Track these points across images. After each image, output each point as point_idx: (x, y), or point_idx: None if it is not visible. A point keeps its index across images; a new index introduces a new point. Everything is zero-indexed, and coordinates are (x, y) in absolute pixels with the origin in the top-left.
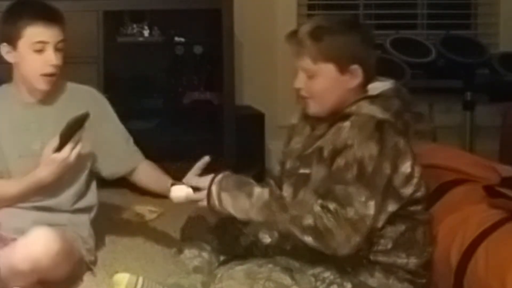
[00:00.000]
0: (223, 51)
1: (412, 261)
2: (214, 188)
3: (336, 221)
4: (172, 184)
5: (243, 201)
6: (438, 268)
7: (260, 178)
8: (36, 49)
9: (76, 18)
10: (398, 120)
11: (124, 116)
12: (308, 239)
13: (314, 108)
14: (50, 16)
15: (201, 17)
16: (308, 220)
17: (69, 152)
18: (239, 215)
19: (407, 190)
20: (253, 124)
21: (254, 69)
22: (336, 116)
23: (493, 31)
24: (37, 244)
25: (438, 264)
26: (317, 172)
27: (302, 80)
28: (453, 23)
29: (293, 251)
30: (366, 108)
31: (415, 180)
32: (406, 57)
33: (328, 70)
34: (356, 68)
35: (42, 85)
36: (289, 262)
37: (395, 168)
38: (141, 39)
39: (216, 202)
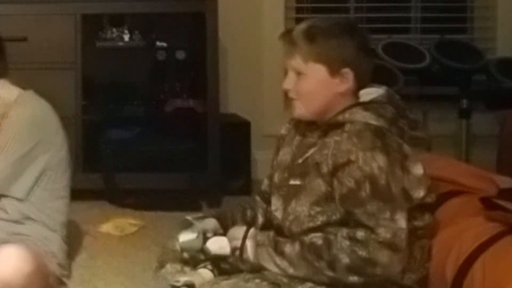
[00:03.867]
0: (207, 56)
1: (409, 276)
2: (249, 243)
3: (370, 249)
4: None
5: (280, 261)
6: (433, 283)
7: (246, 189)
8: None
9: (53, 21)
10: (393, 127)
11: (103, 125)
12: (354, 279)
13: (300, 110)
14: None
15: (184, 21)
16: (344, 260)
17: None
18: (278, 272)
19: (418, 194)
20: (238, 132)
21: (239, 75)
22: (328, 123)
23: (490, 35)
24: (8, 263)
25: (432, 280)
26: (316, 186)
27: (291, 81)
28: (448, 27)
29: None
30: (360, 114)
31: (427, 182)
32: (399, 63)
33: (318, 71)
34: (347, 72)
35: None
36: (277, 277)
37: (405, 170)
38: (121, 44)
39: (252, 258)
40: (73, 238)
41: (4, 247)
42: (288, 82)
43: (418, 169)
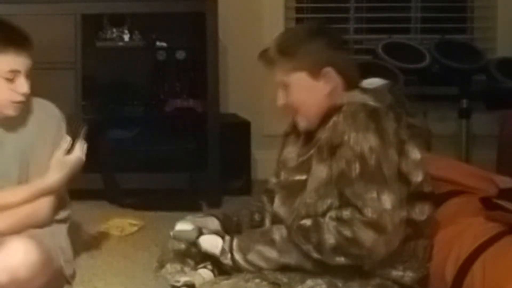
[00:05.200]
0: (207, 56)
1: (408, 275)
2: (238, 257)
3: (355, 229)
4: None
5: (270, 253)
6: (433, 283)
7: (246, 189)
8: (7, 78)
9: (53, 21)
10: (390, 112)
11: (103, 125)
12: (341, 260)
13: (303, 122)
14: (22, 43)
15: (184, 21)
16: (330, 241)
17: (81, 151)
18: (273, 267)
19: (417, 178)
20: (238, 133)
21: (239, 75)
22: (328, 108)
23: (490, 35)
24: (16, 255)
25: (432, 280)
26: (318, 172)
27: (282, 96)
28: (448, 27)
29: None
30: (358, 96)
31: (425, 169)
32: (399, 63)
33: (301, 78)
34: (328, 70)
35: (11, 111)
36: (277, 277)
37: (402, 153)
38: (121, 43)
39: (247, 266)
40: (73, 238)
41: (12, 239)
42: (279, 98)
43: (416, 154)
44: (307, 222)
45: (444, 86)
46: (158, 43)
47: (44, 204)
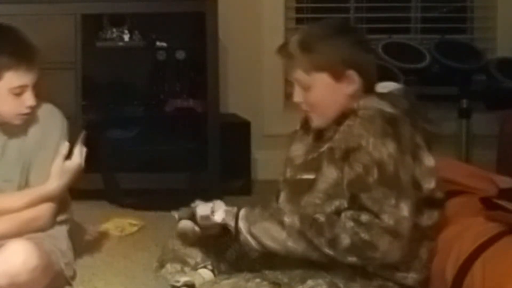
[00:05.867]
0: (207, 56)
1: (412, 276)
2: (242, 225)
3: (373, 233)
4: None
5: (277, 233)
6: (433, 283)
7: (246, 189)
8: (15, 93)
9: (53, 21)
10: (407, 117)
11: (103, 125)
12: (353, 260)
13: (317, 121)
14: (31, 59)
15: (184, 21)
16: (345, 240)
17: (80, 158)
18: (277, 247)
19: (429, 185)
20: (238, 133)
21: (239, 75)
22: (343, 111)
23: (490, 35)
24: (16, 259)
25: (433, 279)
26: (328, 173)
27: (299, 94)
28: (448, 27)
29: (281, 265)
30: (375, 102)
31: (437, 175)
32: (399, 63)
33: (322, 79)
34: (351, 73)
35: (17, 121)
36: (278, 276)
37: (417, 159)
38: (121, 43)
39: (249, 238)
40: (73, 238)
41: (12, 242)
42: (297, 95)
43: (429, 161)
44: (320, 217)
45: (444, 86)
46: (158, 43)
47: (45, 210)
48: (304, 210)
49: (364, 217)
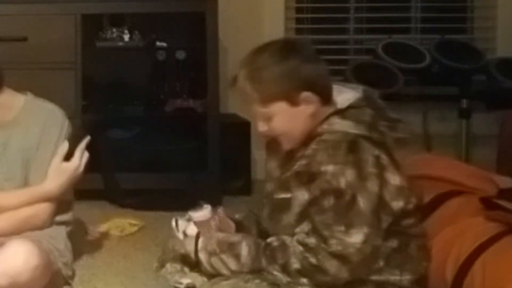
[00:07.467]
0: (207, 56)
1: (406, 278)
2: (202, 256)
3: (320, 257)
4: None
5: (233, 264)
6: (433, 283)
7: (246, 189)
8: None
9: (53, 21)
10: (373, 132)
11: (103, 125)
12: (304, 281)
13: (287, 145)
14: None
15: (184, 21)
16: (295, 265)
17: (79, 161)
18: (233, 274)
19: (399, 203)
20: (238, 133)
21: None
22: (309, 136)
23: (490, 35)
24: (16, 259)
25: (432, 280)
26: (299, 195)
27: (263, 124)
28: (448, 27)
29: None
30: (338, 124)
31: (405, 192)
32: (399, 63)
33: (280, 108)
34: (306, 94)
35: None
36: (277, 277)
37: (384, 182)
38: (121, 43)
39: (209, 268)
40: (73, 238)
41: (12, 241)
42: (260, 126)
43: (395, 179)
44: (274, 242)
45: (444, 86)
46: (158, 43)
47: (43, 209)
48: (284, 230)
49: (311, 241)
